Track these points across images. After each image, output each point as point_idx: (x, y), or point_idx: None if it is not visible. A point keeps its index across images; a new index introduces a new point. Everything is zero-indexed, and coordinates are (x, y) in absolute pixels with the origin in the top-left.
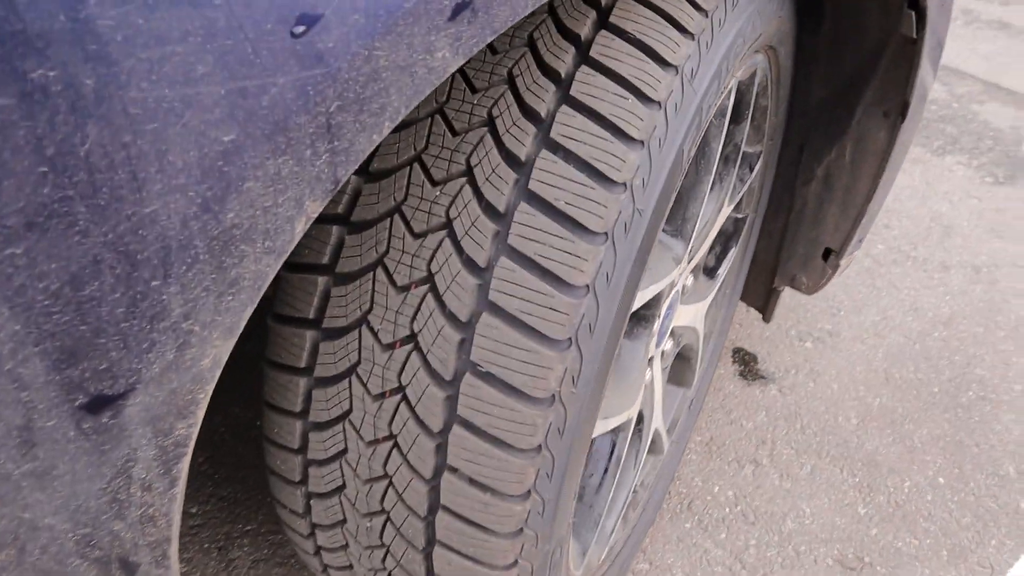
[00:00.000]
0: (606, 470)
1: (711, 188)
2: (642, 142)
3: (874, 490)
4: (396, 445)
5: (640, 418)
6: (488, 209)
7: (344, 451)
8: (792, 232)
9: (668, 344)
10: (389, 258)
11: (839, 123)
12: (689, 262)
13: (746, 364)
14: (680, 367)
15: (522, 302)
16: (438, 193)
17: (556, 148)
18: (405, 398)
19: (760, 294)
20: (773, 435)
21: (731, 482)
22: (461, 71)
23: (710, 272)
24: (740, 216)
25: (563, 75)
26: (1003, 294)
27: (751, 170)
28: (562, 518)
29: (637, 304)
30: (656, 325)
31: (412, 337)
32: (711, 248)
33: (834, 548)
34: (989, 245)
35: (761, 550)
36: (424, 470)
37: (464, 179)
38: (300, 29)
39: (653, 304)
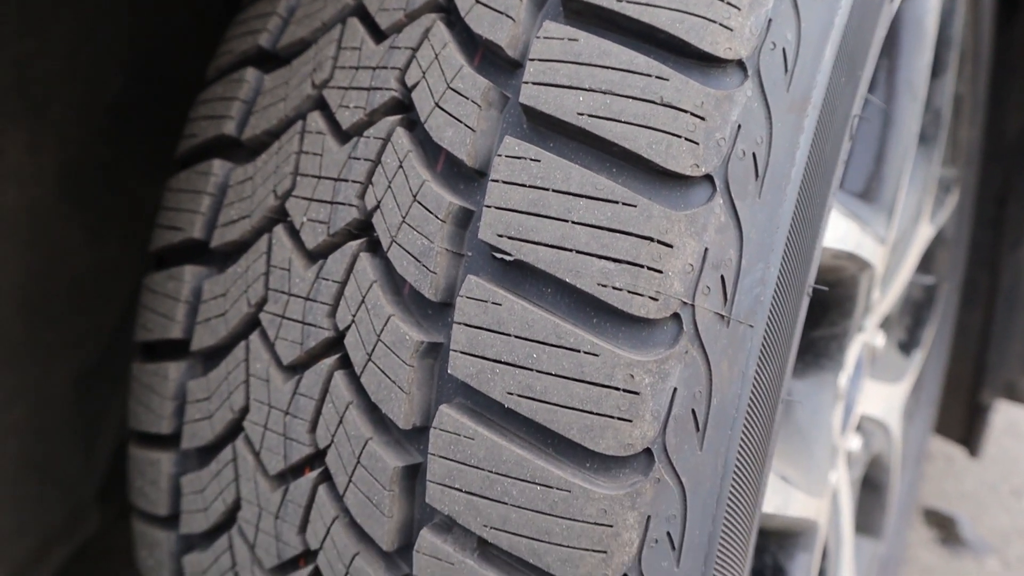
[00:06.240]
0: None
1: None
2: None
3: None
4: None
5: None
6: None
7: None
8: (1002, 322)
9: (856, 442)
10: None
11: None
12: (889, 255)
13: (945, 528)
14: (868, 502)
15: None
16: None
17: None
18: None
19: (961, 418)
20: None
21: None
22: None
23: (904, 348)
24: (931, 283)
25: None
26: None
27: (947, 193)
28: None
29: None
30: (842, 376)
31: None
32: (902, 318)
33: None
34: None
35: None
36: None
37: None
38: None
39: (840, 331)
